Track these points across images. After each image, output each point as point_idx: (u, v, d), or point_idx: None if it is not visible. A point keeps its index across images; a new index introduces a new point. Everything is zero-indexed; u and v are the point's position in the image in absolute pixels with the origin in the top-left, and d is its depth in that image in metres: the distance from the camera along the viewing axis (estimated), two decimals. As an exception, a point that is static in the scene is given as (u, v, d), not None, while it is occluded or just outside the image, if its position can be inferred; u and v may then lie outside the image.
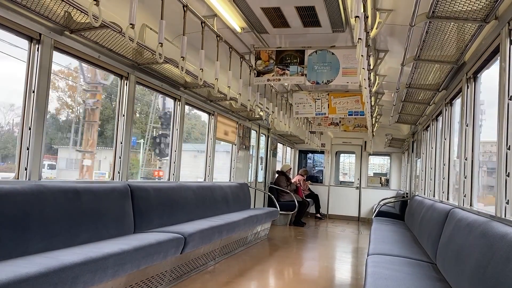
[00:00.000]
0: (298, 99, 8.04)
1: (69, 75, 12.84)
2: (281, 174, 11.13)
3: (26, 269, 2.40)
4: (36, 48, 3.49)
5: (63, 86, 12.91)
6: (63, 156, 11.06)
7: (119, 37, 3.78)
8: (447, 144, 5.30)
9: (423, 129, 7.60)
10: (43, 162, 3.64)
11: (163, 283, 4.22)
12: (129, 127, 4.74)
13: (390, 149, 12.78)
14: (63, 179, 5.91)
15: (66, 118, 13.04)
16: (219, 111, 7.36)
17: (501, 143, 2.84)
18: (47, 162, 10.30)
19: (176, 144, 5.90)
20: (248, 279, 4.95)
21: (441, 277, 3.25)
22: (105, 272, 2.99)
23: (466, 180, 4.05)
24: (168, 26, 3.80)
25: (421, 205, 5.82)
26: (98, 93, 14.20)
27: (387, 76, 6.51)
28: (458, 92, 4.62)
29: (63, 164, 10.65)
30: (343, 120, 10.44)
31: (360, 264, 6.24)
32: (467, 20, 3.08)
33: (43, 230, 3.21)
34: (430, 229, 4.34)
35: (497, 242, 2.24)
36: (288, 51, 5.90)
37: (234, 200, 7.37)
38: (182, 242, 4.19)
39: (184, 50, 3.97)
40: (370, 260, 3.65)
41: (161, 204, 4.96)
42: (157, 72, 5.03)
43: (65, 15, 3.37)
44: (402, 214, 8.74)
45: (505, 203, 2.77)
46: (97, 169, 12.25)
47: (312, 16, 4.77)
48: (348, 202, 13.10)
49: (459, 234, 3.12)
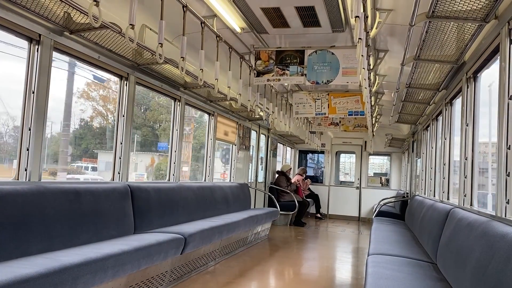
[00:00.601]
0: (298, 99, 8.04)
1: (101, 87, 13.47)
2: (281, 174, 11.13)
3: (26, 270, 2.39)
4: (36, 48, 3.49)
5: (95, 95, 13.68)
6: (102, 159, 11.56)
7: (119, 37, 3.78)
8: (447, 144, 5.30)
9: (423, 129, 7.60)
10: (87, 165, 3.66)
11: (163, 284, 4.22)
12: (129, 128, 4.74)
13: (390, 149, 12.78)
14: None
15: (100, 125, 13.80)
16: (219, 111, 7.36)
17: (501, 143, 2.84)
18: (90, 165, 10.76)
19: (176, 145, 5.90)
20: (249, 280, 4.95)
21: (441, 277, 3.25)
22: (105, 272, 2.99)
23: (467, 180, 4.05)
24: (168, 27, 3.80)
25: (422, 205, 5.82)
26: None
27: (387, 76, 6.51)
28: (458, 92, 4.62)
29: (102, 166, 11.09)
30: (343, 120, 10.44)
31: (361, 264, 6.24)
32: (467, 20, 3.08)
33: (43, 230, 3.21)
34: (431, 229, 4.34)
35: (498, 242, 2.24)
36: (288, 51, 5.89)
37: (234, 201, 7.37)
38: (182, 243, 4.19)
39: (184, 50, 3.96)
40: (371, 260, 3.65)
41: (161, 205, 4.96)
42: (157, 73, 5.03)
43: (64, 15, 3.37)
44: (402, 214, 8.74)
45: (505, 203, 2.76)
46: (134, 170, 12.74)
47: (312, 16, 4.76)
48: (348, 202, 13.10)
49: (459, 234, 3.12)
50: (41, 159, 3.53)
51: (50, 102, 3.60)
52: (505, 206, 2.76)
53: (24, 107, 3.45)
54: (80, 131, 12.26)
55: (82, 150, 11.76)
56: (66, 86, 8.00)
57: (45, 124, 3.56)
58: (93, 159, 11.83)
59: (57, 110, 7.98)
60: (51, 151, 9.23)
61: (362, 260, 6.59)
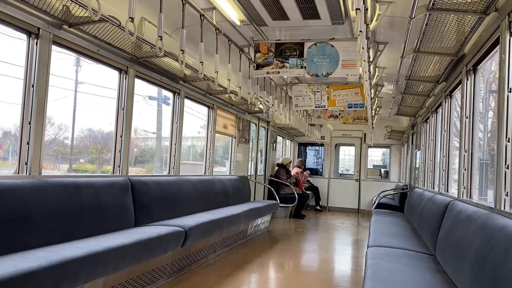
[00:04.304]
0: (297, 91, 8.03)
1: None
2: (281, 167, 11.14)
3: (28, 263, 2.41)
4: (35, 42, 3.48)
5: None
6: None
7: (118, 30, 3.76)
8: (447, 136, 5.31)
9: (423, 121, 7.60)
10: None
11: (164, 276, 4.24)
12: (128, 121, 4.74)
13: (389, 141, 12.78)
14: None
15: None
16: (219, 104, 7.35)
17: (501, 135, 2.84)
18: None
19: (176, 138, 5.90)
20: (249, 272, 4.98)
21: (440, 269, 3.27)
22: (106, 265, 3.01)
23: (466, 172, 4.06)
24: (167, 19, 3.78)
25: (421, 197, 5.84)
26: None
27: (387, 68, 6.49)
28: (458, 84, 4.62)
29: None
30: (342, 112, 10.43)
31: (360, 256, 6.27)
32: (467, 12, 3.07)
33: (44, 224, 3.23)
34: (430, 221, 4.36)
35: (496, 234, 2.25)
36: (287, 44, 5.87)
37: (234, 193, 7.39)
38: (183, 236, 4.21)
39: (183, 43, 3.95)
40: (370, 252, 3.67)
41: (162, 198, 4.97)
42: (157, 66, 5.02)
43: (63, 9, 3.35)
44: (401, 206, 8.76)
45: (504, 195, 2.77)
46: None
47: (312, 8, 4.74)
48: (347, 195, 13.13)
49: (458, 226, 3.14)
50: (41, 153, 3.54)
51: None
52: (504, 199, 2.77)
53: (24, 101, 3.45)
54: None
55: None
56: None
57: (45, 118, 3.56)
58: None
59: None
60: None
61: (361, 252, 6.63)
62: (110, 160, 4.76)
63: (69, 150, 6.92)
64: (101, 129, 7.33)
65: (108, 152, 6.59)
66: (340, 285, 4.73)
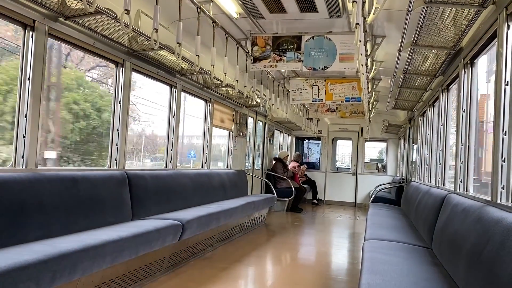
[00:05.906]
0: (295, 85, 8.01)
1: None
2: (278, 161, 11.14)
3: (25, 256, 2.40)
4: (31, 35, 3.45)
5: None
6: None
7: (114, 23, 3.74)
8: (444, 130, 5.32)
9: (420, 115, 7.61)
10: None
11: (161, 269, 4.25)
12: (125, 114, 4.72)
13: (386, 135, 12.81)
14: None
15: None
16: (216, 98, 7.33)
17: (498, 129, 2.84)
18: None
19: (173, 132, 5.89)
20: (246, 265, 4.99)
21: (437, 262, 3.29)
22: (104, 259, 3.01)
23: (462, 165, 4.07)
24: (163, 12, 3.76)
25: (417, 191, 5.85)
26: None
27: (384, 62, 6.49)
28: (455, 78, 4.61)
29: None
30: (339, 106, 10.43)
31: (357, 249, 6.30)
32: (465, 5, 3.06)
33: (41, 218, 3.22)
34: (426, 214, 4.38)
35: (492, 227, 2.26)
36: (284, 37, 5.85)
37: (231, 187, 7.40)
38: (180, 229, 4.21)
39: (180, 36, 3.93)
40: (367, 245, 3.68)
41: (159, 191, 4.97)
42: (153, 59, 4.99)
43: (59, 1, 3.33)
44: (398, 200, 8.80)
45: (500, 188, 2.78)
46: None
47: (309, 1, 4.72)
48: (344, 188, 13.17)
49: (455, 219, 3.15)
50: (37, 146, 3.52)
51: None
52: (500, 191, 2.78)
53: (19, 94, 3.43)
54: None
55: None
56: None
57: (41, 111, 3.54)
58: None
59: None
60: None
61: (358, 245, 6.66)
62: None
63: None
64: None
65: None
66: (337, 278, 4.75)
